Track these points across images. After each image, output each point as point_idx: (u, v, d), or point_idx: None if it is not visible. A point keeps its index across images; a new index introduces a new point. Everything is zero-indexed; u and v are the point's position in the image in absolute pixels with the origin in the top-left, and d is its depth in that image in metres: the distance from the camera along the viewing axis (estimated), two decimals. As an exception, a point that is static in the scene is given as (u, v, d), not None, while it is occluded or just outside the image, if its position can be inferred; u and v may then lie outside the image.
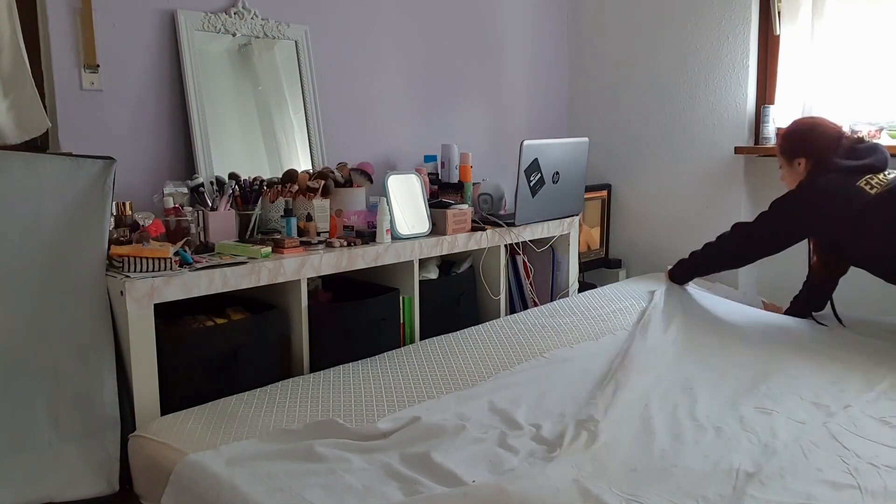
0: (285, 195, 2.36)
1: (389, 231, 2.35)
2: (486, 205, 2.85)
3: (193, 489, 1.48)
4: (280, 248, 2.12)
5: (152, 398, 1.80)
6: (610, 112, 3.67)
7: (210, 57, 2.44)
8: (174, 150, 2.38)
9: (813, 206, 2.35)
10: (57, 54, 2.11)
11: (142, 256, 1.81)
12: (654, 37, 3.47)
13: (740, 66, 3.22)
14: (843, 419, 1.72)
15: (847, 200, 2.28)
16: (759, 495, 1.38)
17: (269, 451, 1.57)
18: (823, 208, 2.33)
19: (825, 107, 3.06)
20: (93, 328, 1.76)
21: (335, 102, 2.80)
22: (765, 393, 1.89)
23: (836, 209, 2.30)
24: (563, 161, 2.80)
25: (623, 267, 3.67)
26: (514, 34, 3.51)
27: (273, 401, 1.85)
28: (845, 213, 2.28)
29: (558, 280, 3.06)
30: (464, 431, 1.64)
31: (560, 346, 2.29)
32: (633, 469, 1.50)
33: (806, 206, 2.37)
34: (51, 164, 1.75)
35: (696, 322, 2.46)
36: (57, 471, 1.69)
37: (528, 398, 1.86)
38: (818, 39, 3.04)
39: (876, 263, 2.32)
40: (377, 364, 2.13)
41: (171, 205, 2.13)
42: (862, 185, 2.27)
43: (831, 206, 2.31)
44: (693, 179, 3.41)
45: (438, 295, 2.58)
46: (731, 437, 1.64)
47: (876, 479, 1.45)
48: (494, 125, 3.47)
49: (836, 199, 2.30)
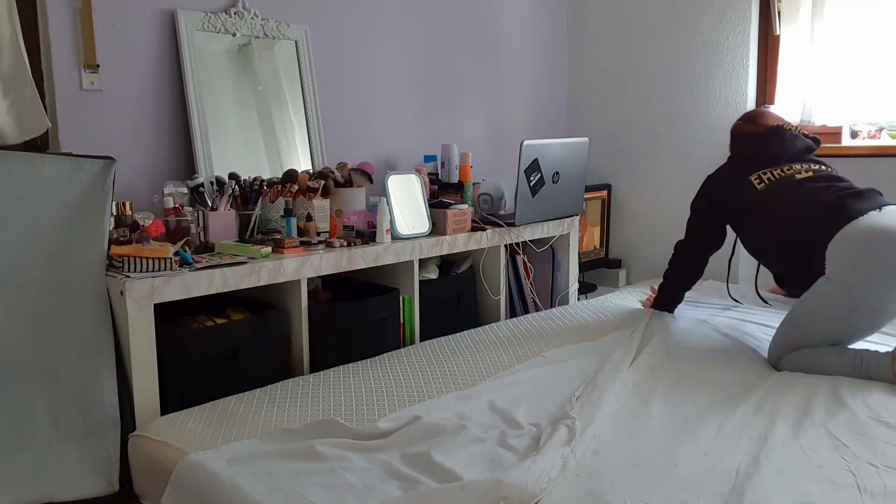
0: (285, 195, 2.36)
1: (389, 231, 2.35)
2: (486, 205, 2.85)
3: (194, 489, 1.48)
4: (280, 248, 2.12)
5: (152, 398, 1.80)
6: (610, 112, 3.67)
7: (210, 57, 2.44)
8: (174, 150, 2.38)
9: (705, 198, 2.44)
10: (57, 54, 2.11)
11: (142, 256, 1.81)
12: (654, 37, 3.47)
13: (740, 66, 3.22)
14: (843, 419, 1.72)
15: (734, 194, 2.33)
16: (760, 493, 1.38)
17: (270, 451, 1.57)
18: (714, 199, 2.41)
19: (825, 107, 3.07)
20: (93, 328, 1.76)
21: (335, 102, 2.80)
22: (765, 392, 1.89)
23: (724, 202, 2.37)
24: (563, 161, 2.80)
25: (623, 267, 3.67)
26: (514, 34, 3.51)
27: (273, 401, 1.85)
28: (731, 206, 2.34)
29: (558, 280, 3.06)
30: (464, 431, 1.64)
31: (560, 346, 2.29)
32: (634, 465, 1.50)
33: (700, 209, 2.47)
34: (51, 164, 1.75)
35: (693, 330, 2.47)
36: (57, 471, 1.69)
37: (529, 398, 1.86)
38: (818, 39, 3.04)
39: (760, 256, 2.37)
40: (377, 364, 2.13)
41: (171, 205, 2.13)
42: (752, 179, 2.29)
43: (720, 197, 2.39)
44: (693, 179, 3.38)
45: (438, 295, 2.58)
46: (731, 435, 1.64)
47: (875, 479, 1.45)
48: (494, 125, 3.47)
49: (725, 193, 2.37)
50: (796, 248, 2.14)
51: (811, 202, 2.14)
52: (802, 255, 2.11)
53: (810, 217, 2.12)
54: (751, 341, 2.31)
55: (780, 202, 2.21)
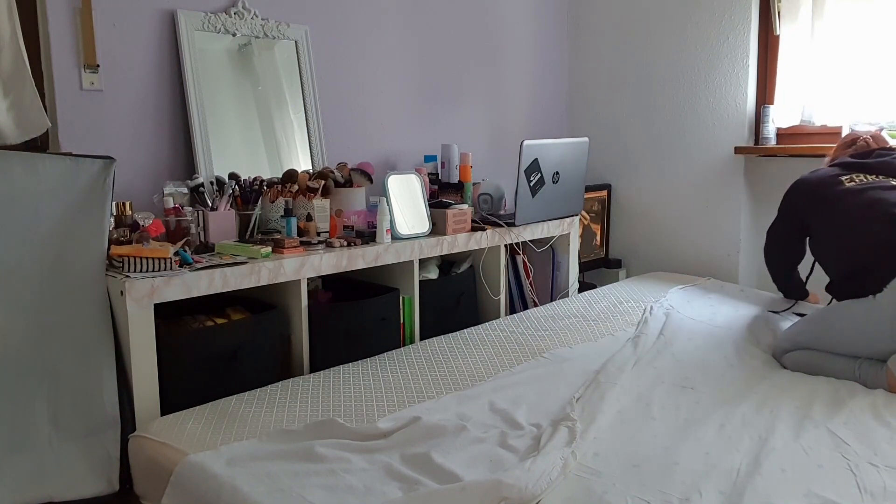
0: (285, 195, 2.36)
1: (389, 231, 2.35)
2: (486, 205, 2.85)
3: (194, 489, 1.47)
4: (280, 248, 2.12)
5: (152, 398, 1.80)
6: (610, 112, 3.67)
7: (210, 57, 2.44)
8: (174, 150, 2.38)
9: (794, 192, 2.41)
10: (57, 54, 2.11)
11: (142, 256, 1.81)
12: (654, 37, 3.47)
13: (740, 66, 3.22)
14: (843, 418, 1.72)
15: (823, 187, 2.30)
16: (760, 492, 1.38)
17: (270, 452, 1.57)
18: (802, 192, 2.38)
19: (825, 107, 3.07)
20: (93, 328, 1.76)
21: (335, 102, 2.80)
22: (765, 392, 1.89)
23: (811, 193, 2.34)
24: (563, 161, 2.80)
25: (623, 267, 3.67)
26: (514, 34, 3.51)
27: (273, 401, 1.85)
28: (817, 198, 2.31)
29: (558, 280, 3.06)
30: (464, 431, 1.64)
31: (560, 346, 2.29)
32: (635, 466, 1.50)
33: (791, 193, 2.43)
34: (51, 164, 1.75)
35: (694, 330, 2.46)
36: (57, 471, 1.69)
37: (529, 398, 1.86)
38: (818, 39, 3.04)
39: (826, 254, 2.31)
40: (377, 364, 2.13)
41: (171, 205, 2.13)
42: (843, 179, 2.28)
43: (808, 190, 2.36)
44: (693, 179, 3.41)
45: (438, 295, 2.58)
46: (731, 435, 1.64)
47: (876, 479, 1.45)
48: (494, 125, 3.47)
49: (814, 186, 2.34)
50: (864, 253, 2.10)
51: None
52: (865, 261, 2.07)
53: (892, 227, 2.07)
54: (753, 340, 2.31)
55: (865, 200, 2.17)
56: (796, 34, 3.10)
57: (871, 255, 2.07)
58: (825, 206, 2.27)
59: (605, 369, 2.00)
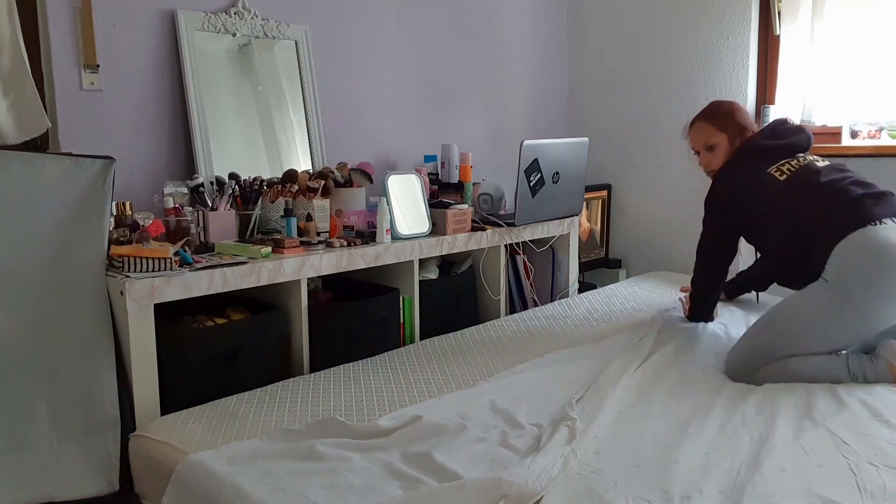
0: (285, 195, 2.36)
1: (389, 231, 2.35)
2: (486, 205, 2.85)
3: (195, 489, 1.47)
4: (280, 248, 2.12)
5: (152, 398, 1.80)
6: (610, 112, 3.68)
7: (210, 57, 2.44)
8: (174, 150, 2.38)
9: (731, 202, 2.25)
10: (57, 54, 2.11)
11: (142, 256, 1.81)
12: (654, 37, 3.47)
13: (740, 66, 3.22)
14: (843, 418, 1.72)
15: (758, 192, 2.18)
16: (760, 492, 1.38)
17: (271, 451, 1.57)
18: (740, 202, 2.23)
19: (825, 107, 3.07)
20: (93, 328, 1.76)
21: (335, 102, 2.80)
22: (765, 392, 1.89)
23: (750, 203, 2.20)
24: (563, 161, 2.80)
25: (623, 267, 3.67)
26: (514, 34, 3.51)
27: (273, 400, 1.85)
28: (756, 206, 2.18)
29: (558, 280, 3.06)
30: (465, 431, 1.64)
31: (560, 346, 2.29)
32: (636, 465, 1.50)
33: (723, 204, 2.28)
34: (51, 164, 1.75)
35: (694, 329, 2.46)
36: (57, 471, 1.69)
37: (530, 398, 1.86)
38: (818, 39, 3.05)
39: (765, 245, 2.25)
40: (377, 364, 2.13)
41: (171, 205, 2.13)
42: (772, 172, 2.17)
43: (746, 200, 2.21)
44: (693, 179, 3.40)
45: (438, 295, 2.58)
46: (732, 434, 1.64)
47: (876, 478, 1.44)
48: (494, 125, 3.47)
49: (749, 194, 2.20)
50: (805, 240, 2.04)
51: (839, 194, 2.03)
52: (806, 247, 2.03)
53: (828, 210, 2.02)
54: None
55: (802, 192, 2.10)
56: (796, 34, 3.10)
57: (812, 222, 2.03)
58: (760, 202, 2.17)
59: (606, 370, 2.00)
